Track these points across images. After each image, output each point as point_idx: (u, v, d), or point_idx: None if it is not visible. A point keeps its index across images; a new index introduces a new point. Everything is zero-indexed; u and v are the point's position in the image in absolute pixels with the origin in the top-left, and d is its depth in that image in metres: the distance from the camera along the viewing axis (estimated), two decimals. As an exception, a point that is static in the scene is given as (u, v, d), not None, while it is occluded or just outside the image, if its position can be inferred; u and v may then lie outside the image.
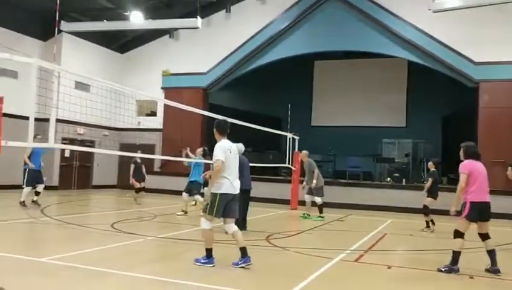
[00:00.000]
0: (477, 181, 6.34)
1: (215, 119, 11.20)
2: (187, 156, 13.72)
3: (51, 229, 9.49)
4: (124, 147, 20.00)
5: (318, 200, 12.30)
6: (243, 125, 12.28)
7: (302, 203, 15.37)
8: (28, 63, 6.44)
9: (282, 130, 17.64)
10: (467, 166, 6.43)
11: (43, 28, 18.85)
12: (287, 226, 12.05)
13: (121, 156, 20.64)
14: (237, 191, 6.43)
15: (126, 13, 18.40)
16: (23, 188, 12.20)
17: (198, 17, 17.55)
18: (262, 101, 23.51)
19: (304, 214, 12.63)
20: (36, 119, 6.28)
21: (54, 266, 5.93)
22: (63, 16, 17.76)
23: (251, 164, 15.15)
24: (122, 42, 21.55)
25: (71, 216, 11.13)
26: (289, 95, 22.54)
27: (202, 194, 12.02)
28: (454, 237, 6.40)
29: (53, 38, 18.14)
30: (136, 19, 18.25)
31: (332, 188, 15.11)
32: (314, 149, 19.81)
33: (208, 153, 12.15)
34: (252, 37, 19.05)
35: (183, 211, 12.06)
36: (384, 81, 23.49)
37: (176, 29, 20.34)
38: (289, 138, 15.81)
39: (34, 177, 12.19)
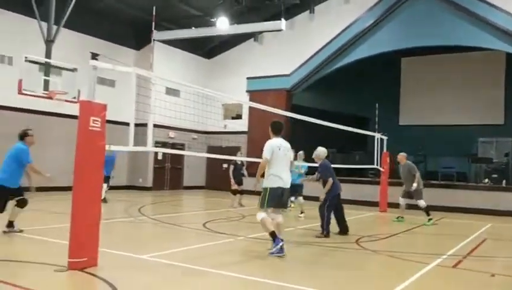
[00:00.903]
0: None
1: (299, 120, 11.38)
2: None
3: (148, 227, 10.05)
4: (211, 149, 20.67)
5: (422, 203, 11.55)
6: (328, 126, 12.14)
7: (393, 205, 14.90)
8: (126, 72, 6.89)
9: (368, 130, 17.21)
10: None
11: (136, 38, 20.09)
12: (377, 228, 11.72)
13: (208, 159, 21.43)
14: (287, 185, 6.99)
15: (213, 20, 19.02)
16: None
17: (282, 19, 17.67)
18: (347, 100, 23.08)
19: (397, 217, 12.07)
20: (134, 125, 6.66)
21: (155, 263, 6.27)
22: (155, 26, 18.77)
23: (336, 165, 14.96)
24: (209, 48, 22.32)
25: (165, 215, 11.71)
26: (375, 93, 21.92)
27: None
28: None
29: (146, 47, 19.29)
30: (222, 25, 18.79)
31: (423, 190, 14.43)
32: (403, 149, 18.99)
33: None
34: (336, 36, 18.86)
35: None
36: (479, 76, 22.04)
37: (261, 32, 20.66)
38: (377, 138, 15.37)
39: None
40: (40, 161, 16.74)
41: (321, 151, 9.46)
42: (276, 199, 6.91)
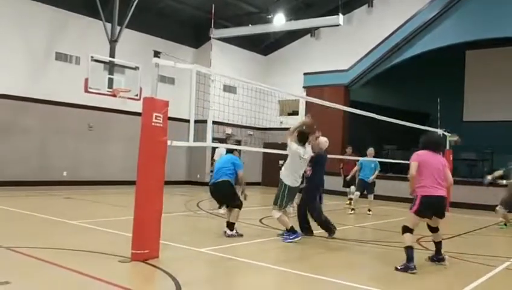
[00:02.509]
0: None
1: (358, 117, 11.16)
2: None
3: (207, 221, 10.24)
4: (267, 145, 20.71)
5: None
6: (387, 122, 11.82)
7: (454, 205, 14.32)
8: (186, 69, 7.05)
9: (430, 126, 16.58)
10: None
11: (194, 37, 20.50)
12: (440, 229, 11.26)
13: (264, 156, 21.55)
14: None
15: (269, 16, 19.05)
16: None
17: (340, 14, 17.39)
18: (408, 96, 22.38)
19: (505, 224, 10.78)
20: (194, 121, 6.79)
21: (213, 256, 6.39)
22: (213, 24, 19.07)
23: (396, 161, 14.58)
24: (265, 45, 22.38)
25: (223, 210, 11.84)
26: (437, 88, 21.07)
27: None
28: None
29: (204, 45, 19.64)
30: (279, 21, 18.77)
31: (489, 190, 13.75)
32: (467, 147, 18.22)
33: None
34: (396, 30, 18.31)
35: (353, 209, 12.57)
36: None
37: (317, 28, 20.46)
38: (439, 135, 14.78)
39: None
40: (102, 156, 17.56)
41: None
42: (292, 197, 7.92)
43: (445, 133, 15.09)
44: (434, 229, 6.43)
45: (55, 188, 15.10)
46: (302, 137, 7.81)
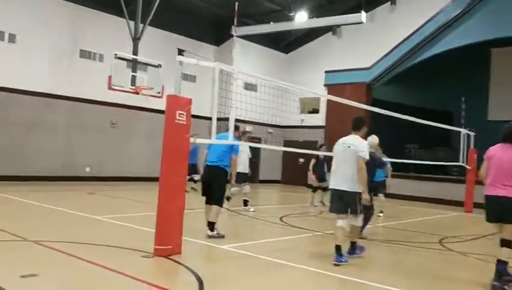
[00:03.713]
0: None
1: (380, 115, 11.03)
2: None
3: (227, 219, 10.24)
4: (287, 143, 20.67)
5: None
6: (409, 121, 11.66)
7: (478, 205, 14.08)
8: (207, 67, 7.09)
9: (453, 125, 16.33)
10: None
11: (216, 34, 20.59)
12: (463, 229, 11.11)
13: (284, 154, 21.51)
14: (341, 187, 6.09)
15: (291, 14, 18.99)
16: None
17: (362, 11, 17.21)
18: (431, 94, 22.03)
19: None
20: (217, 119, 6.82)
21: (234, 254, 6.41)
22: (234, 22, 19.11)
23: (418, 162, 14.29)
24: (287, 42, 22.32)
25: (243, 208, 11.88)
26: (461, 87, 20.74)
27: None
28: None
29: (226, 43, 19.68)
30: (301, 19, 18.70)
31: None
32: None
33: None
34: (420, 27, 18.02)
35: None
36: None
37: (339, 25, 20.30)
38: (463, 134, 14.54)
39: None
40: (125, 153, 17.76)
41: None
42: (333, 202, 6.33)
43: (470, 133, 14.82)
44: (501, 242, 5.25)
45: (78, 183, 15.34)
46: (356, 122, 6.46)
